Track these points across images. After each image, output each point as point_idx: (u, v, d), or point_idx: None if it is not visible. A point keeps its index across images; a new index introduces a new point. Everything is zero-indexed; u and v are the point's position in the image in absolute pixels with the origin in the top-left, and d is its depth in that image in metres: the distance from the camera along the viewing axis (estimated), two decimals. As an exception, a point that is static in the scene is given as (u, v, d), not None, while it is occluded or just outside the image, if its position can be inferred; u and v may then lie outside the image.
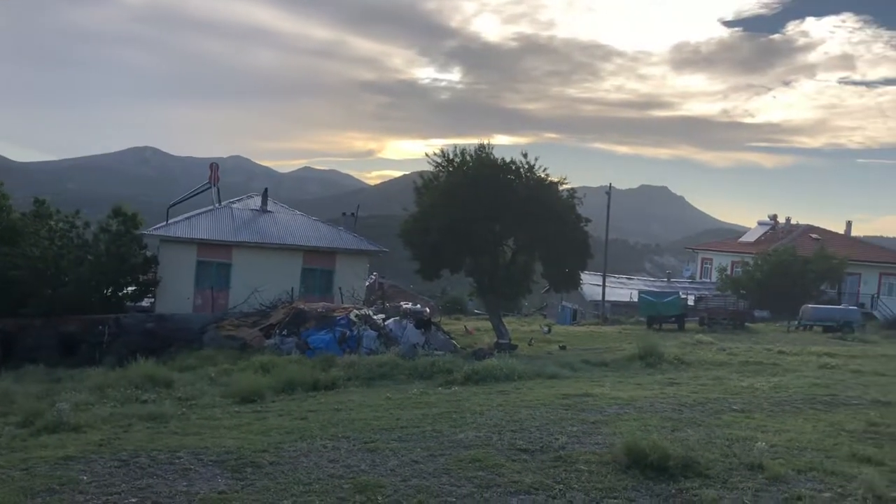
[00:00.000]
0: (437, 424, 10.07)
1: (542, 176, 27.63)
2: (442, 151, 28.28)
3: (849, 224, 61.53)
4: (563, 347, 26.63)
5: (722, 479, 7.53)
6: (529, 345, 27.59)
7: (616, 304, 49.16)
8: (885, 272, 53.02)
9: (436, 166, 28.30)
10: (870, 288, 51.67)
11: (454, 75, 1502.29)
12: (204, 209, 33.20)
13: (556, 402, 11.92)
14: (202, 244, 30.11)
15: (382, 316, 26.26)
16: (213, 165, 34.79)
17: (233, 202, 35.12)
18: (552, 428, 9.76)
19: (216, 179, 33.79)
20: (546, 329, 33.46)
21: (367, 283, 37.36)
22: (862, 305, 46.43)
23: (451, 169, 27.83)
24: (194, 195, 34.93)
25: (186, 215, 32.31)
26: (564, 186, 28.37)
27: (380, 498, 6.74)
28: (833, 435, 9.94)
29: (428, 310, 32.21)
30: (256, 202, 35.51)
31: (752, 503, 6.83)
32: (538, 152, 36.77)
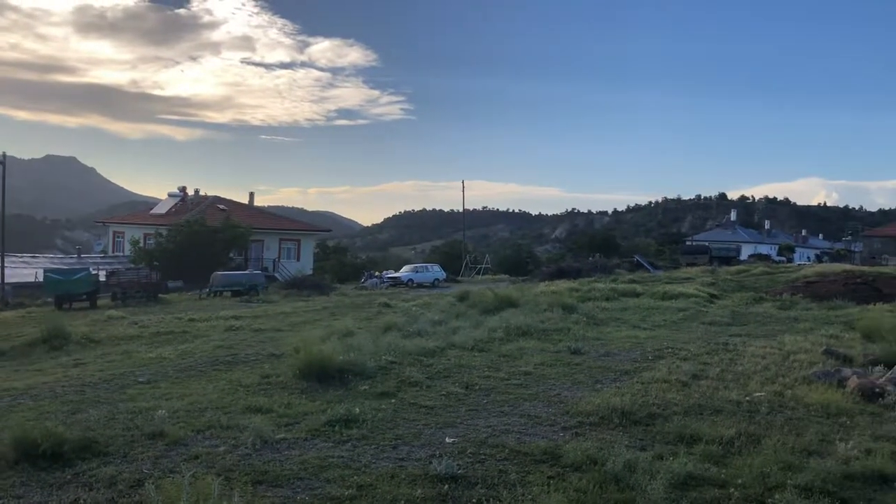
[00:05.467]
0: None
1: None
2: None
3: (251, 195, 66.88)
4: (-52, 341, 23.03)
5: (122, 454, 7.55)
6: None
7: (19, 286, 44.51)
8: (283, 238, 59.68)
9: None
10: (272, 253, 57.23)
11: None
12: None
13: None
14: None
15: None
16: None
17: None
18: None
19: None
20: None
21: None
22: (266, 269, 51.13)
23: None
24: None
25: None
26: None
27: None
28: (231, 392, 10.77)
29: None
30: None
31: (150, 472, 6.96)
32: None
